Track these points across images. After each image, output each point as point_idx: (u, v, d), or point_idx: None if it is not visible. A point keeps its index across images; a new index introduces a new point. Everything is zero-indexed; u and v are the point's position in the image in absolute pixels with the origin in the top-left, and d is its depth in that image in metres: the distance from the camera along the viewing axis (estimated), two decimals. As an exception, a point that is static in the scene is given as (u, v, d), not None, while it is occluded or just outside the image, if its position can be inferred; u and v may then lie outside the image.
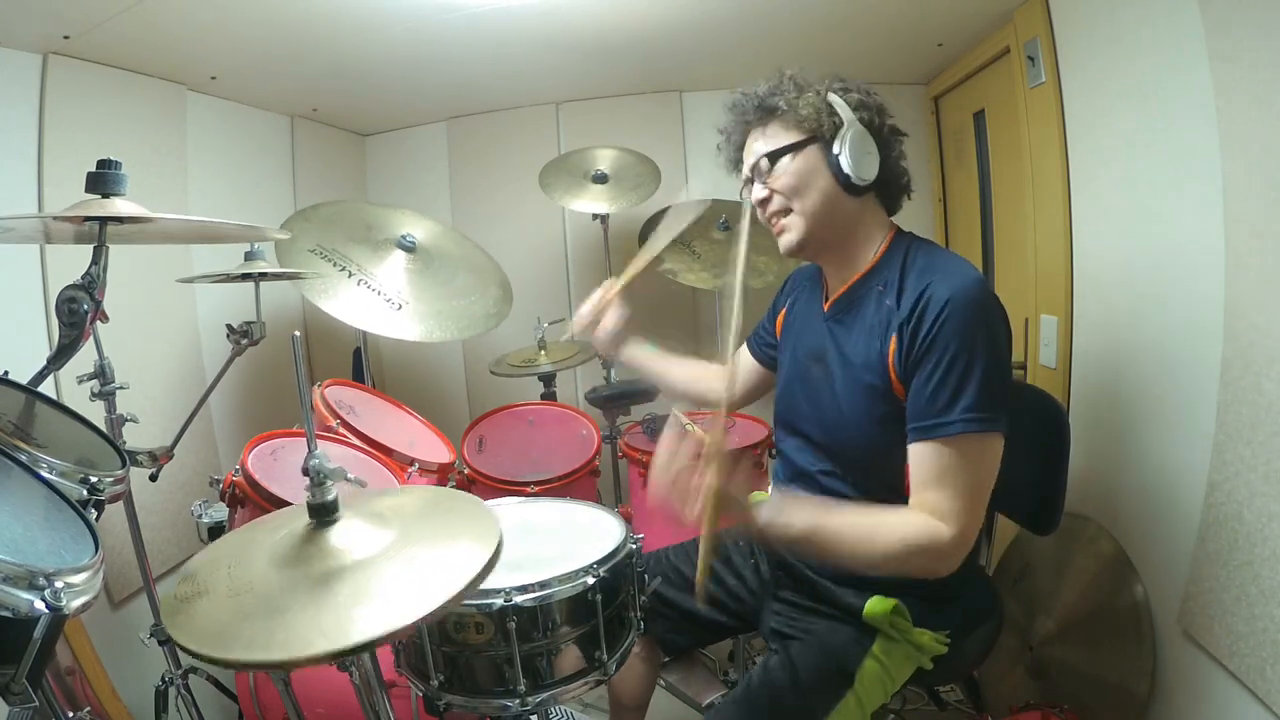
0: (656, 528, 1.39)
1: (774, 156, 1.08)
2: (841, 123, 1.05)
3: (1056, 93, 1.64)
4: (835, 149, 1.04)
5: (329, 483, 0.80)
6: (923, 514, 0.95)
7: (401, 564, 0.77)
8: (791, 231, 1.10)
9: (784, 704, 1.04)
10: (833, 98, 1.06)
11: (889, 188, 1.11)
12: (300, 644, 0.65)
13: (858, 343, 1.07)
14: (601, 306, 1.36)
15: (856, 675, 1.05)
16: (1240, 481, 1.14)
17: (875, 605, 1.06)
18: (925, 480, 0.96)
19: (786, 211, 1.09)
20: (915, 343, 0.98)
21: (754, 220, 1.12)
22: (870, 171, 1.06)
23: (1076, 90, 1.60)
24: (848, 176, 1.04)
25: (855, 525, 0.97)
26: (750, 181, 1.13)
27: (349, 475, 0.83)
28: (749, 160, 1.12)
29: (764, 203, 1.11)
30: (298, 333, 0.80)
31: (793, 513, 0.97)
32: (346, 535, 0.81)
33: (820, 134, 1.05)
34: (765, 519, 0.94)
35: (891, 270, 1.06)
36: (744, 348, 1.42)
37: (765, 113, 1.10)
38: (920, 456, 0.97)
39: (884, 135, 1.09)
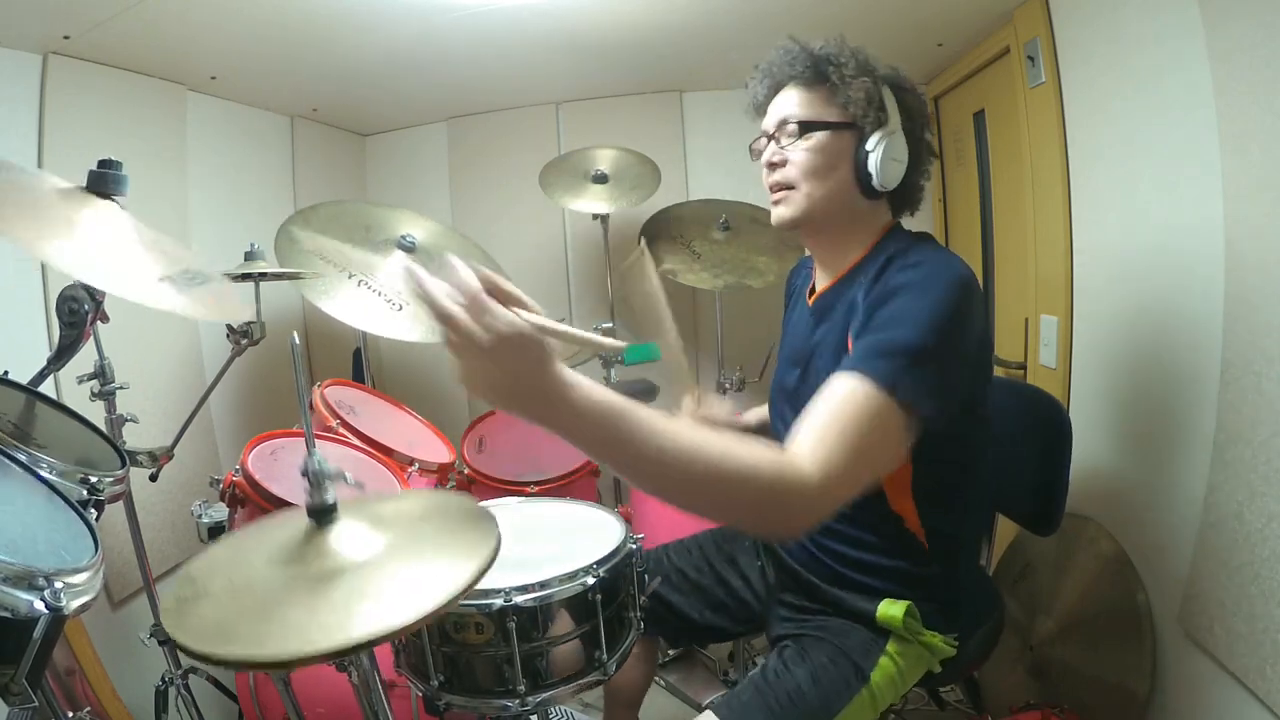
0: (654, 525, 1.39)
1: (808, 127, 1.02)
2: (885, 121, 1.00)
3: (1056, 93, 1.64)
4: (869, 145, 1.00)
5: (328, 485, 0.80)
6: (783, 452, 0.79)
7: (400, 565, 0.77)
8: (789, 207, 1.05)
9: (803, 696, 1.01)
10: (887, 93, 1.01)
11: (901, 198, 1.08)
12: (299, 642, 0.65)
13: (835, 338, 1.03)
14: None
15: (872, 674, 1.03)
16: (1240, 482, 1.14)
17: (887, 609, 1.04)
18: (817, 413, 0.83)
19: (792, 186, 1.04)
20: (873, 307, 0.91)
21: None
22: (893, 180, 1.02)
23: (1076, 90, 1.59)
24: (869, 177, 1.00)
25: (692, 431, 0.74)
26: (768, 137, 1.07)
27: (348, 477, 0.83)
28: (776, 114, 1.06)
29: (773, 165, 1.06)
30: (296, 335, 0.80)
31: (601, 386, 0.71)
32: (346, 536, 0.81)
33: (861, 124, 1.00)
34: (571, 377, 0.69)
35: (876, 264, 1.01)
36: None
37: (816, 74, 1.03)
38: (828, 388, 0.85)
39: (919, 149, 1.05)
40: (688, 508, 0.77)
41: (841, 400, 0.83)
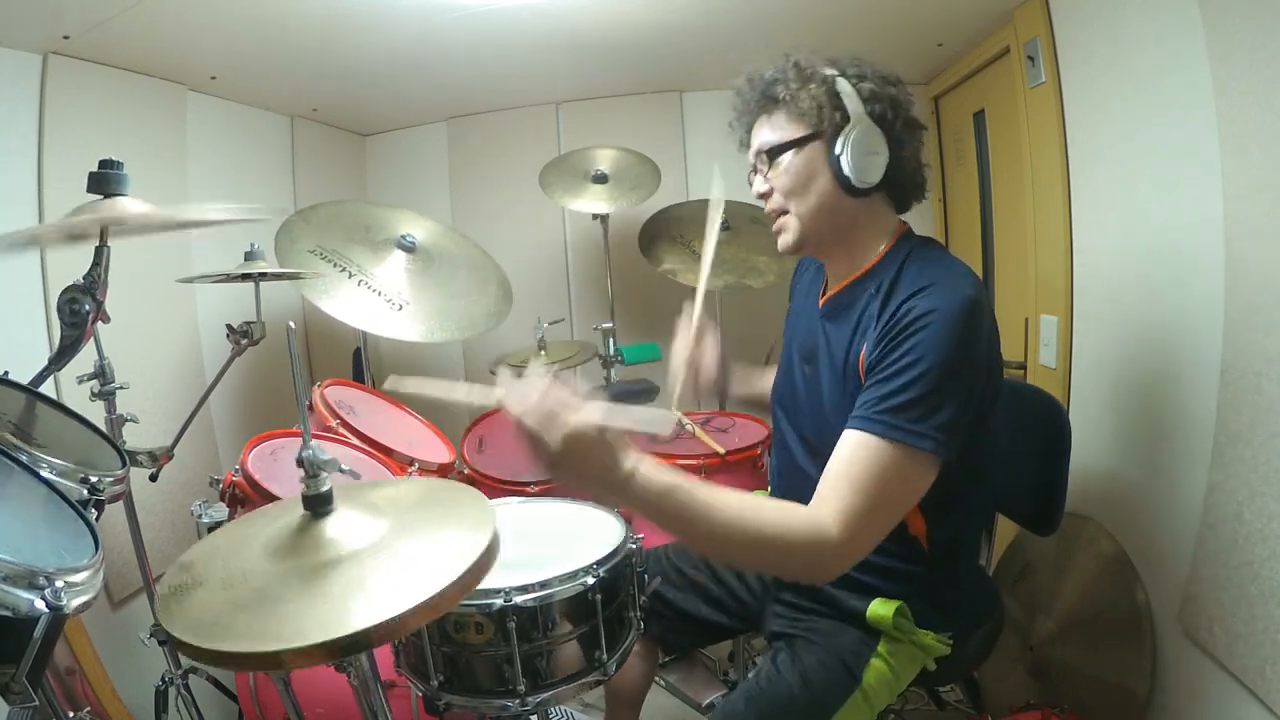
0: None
1: (774, 152, 1.04)
2: (848, 117, 0.99)
3: (1056, 93, 1.64)
4: (837, 148, 0.99)
5: (323, 474, 0.80)
6: (810, 510, 0.89)
7: (396, 554, 0.76)
8: (788, 233, 1.08)
9: (794, 700, 1.02)
10: (842, 86, 1.00)
11: (898, 187, 1.06)
12: (293, 634, 0.64)
13: (842, 344, 1.05)
14: (690, 354, 1.27)
15: (863, 675, 1.04)
16: (1240, 481, 1.14)
17: (878, 608, 1.05)
18: (837, 469, 0.91)
19: (784, 211, 1.07)
20: (882, 342, 0.94)
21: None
22: (874, 174, 1.01)
23: (1076, 90, 1.60)
24: (848, 179, 1.00)
25: (734, 501, 0.87)
26: (755, 171, 1.10)
27: (342, 467, 0.82)
28: (753, 149, 1.09)
29: (764, 196, 1.09)
30: (292, 323, 0.80)
31: (656, 467, 0.85)
32: (341, 526, 0.80)
33: (822, 129, 1.00)
34: (631, 465, 0.83)
35: (887, 274, 1.02)
36: None
37: (769, 101, 1.05)
38: (845, 442, 0.92)
39: (896, 131, 1.02)
40: (729, 564, 0.97)
41: (861, 459, 0.89)
